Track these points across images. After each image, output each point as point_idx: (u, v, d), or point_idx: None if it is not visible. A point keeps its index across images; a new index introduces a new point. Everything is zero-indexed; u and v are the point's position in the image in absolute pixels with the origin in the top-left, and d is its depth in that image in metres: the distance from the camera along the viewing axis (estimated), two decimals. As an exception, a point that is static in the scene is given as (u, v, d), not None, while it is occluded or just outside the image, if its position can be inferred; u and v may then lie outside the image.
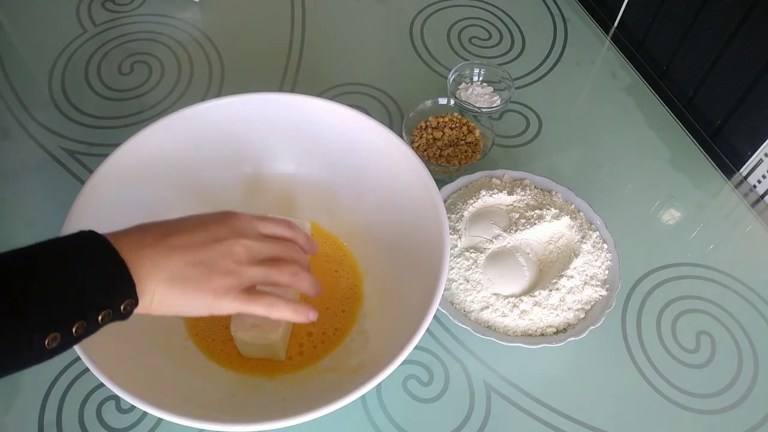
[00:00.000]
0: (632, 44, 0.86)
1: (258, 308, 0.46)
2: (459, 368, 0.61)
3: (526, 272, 0.62)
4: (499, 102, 0.78)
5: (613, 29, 0.89)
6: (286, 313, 0.47)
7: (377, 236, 0.63)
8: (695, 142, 0.78)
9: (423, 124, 0.75)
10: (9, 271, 0.38)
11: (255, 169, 0.67)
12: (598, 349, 0.63)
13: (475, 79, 0.80)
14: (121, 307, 0.41)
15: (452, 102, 0.76)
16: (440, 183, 0.64)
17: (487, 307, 0.60)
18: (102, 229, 0.56)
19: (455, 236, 0.64)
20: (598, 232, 0.65)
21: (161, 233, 0.44)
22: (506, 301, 0.60)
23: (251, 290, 0.47)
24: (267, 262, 0.47)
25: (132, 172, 0.59)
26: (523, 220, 0.64)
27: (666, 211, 0.73)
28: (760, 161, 0.73)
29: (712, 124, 0.78)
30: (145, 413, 0.57)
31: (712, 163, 0.76)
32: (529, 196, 0.66)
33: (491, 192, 0.66)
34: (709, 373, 0.62)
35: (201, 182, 0.64)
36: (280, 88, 0.81)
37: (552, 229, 0.64)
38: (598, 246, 0.63)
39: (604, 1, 0.89)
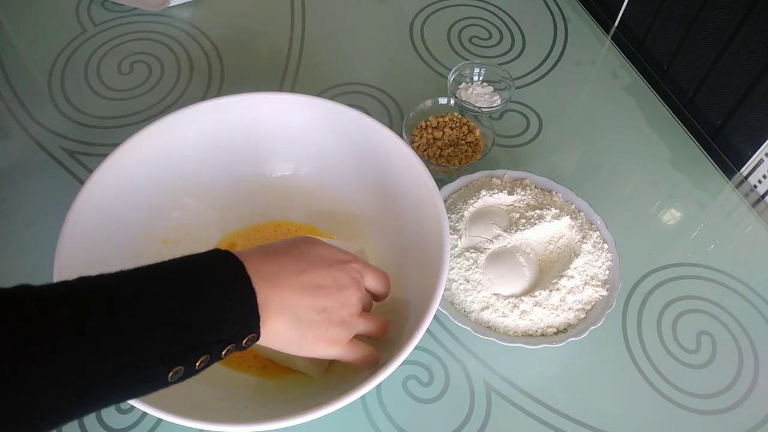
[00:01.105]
0: (633, 44, 0.86)
1: (355, 359, 0.48)
2: (459, 368, 0.61)
3: (526, 272, 0.62)
4: (499, 102, 0.78)
5: (613, 29, 0.89)
6: (370, 365, 0.50)
7: (377, 237, 0.63)
8: (695, 141, 0.78)
9: (423, 124, 0.75)
10: (144, 293, 0.37)
11: (255, 169, 0.66)
12: (599, 349, 0.63)
13: (476, 78, 0.80)
14: (243, 341, 0.41)
15: (452, 102, 0.76)
16: (440, 183, 0.64)
17: (487, 308, 0.60)
18: (102, 229, 0.56)
19: (455, 236, 0.64)
20: (598, 232, 0.64)
21: (296, 270, 0.44)
22: (506, 301, 0.60)
23: (353, 338, 0.49)
24: (365, 314, 0.49)
25: (132, 172, 0.59)
26: (523, 220, 0.64)
27: (666, 211, 0.73)
28: (761, 161, 0.72)
29: (712, 124, 0.78)
30: (144, 413, 0.57)
31: (713, 163, 0.76)
32: (530, 196, 0.66)
33: (491, 192, 0.66)
34: (710, 373, 0.62)
35: (201, 182, 0.64)
36: (280, 88, 0.81)
37: (552, 229, 0.64)
38: (599, 246, 0.63)
39: (605, 0, 0.89)
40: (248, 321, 0.40)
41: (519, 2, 0.91)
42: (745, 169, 0.75)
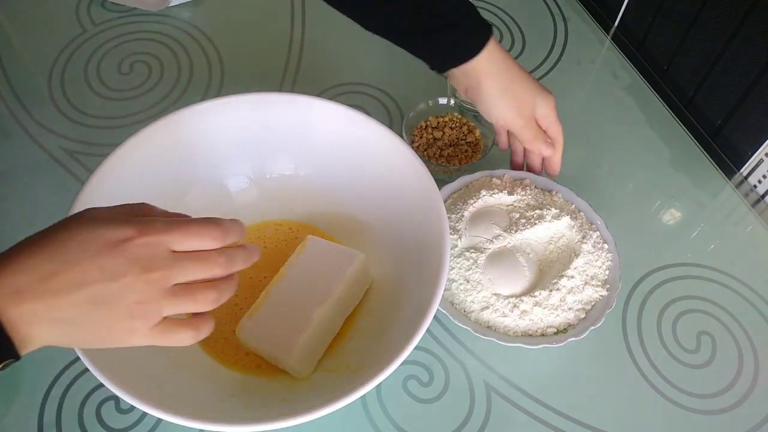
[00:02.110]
0: (633, 44, 0.86)
1: (175, 344, 0.41)
2: (459, 368, 0.61)
3: (526, 272, 0.62)
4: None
5: (613, 29, 0.89)
6: (210, 328, 0.43)
7: (377, 236, 0.63)
8: (696, 141, 0.78)
9: (423, 124, 0.75)
10: None
11: (254, 169, 0.66)
12: (599, 350, 0.63)
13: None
14: None
15: (452, 102, 0.76)
16: (440, 183, 0.64)
17: (487, 308, 0.60)
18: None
19: (455, 236, 0.64)
20: (598, 232, 0.64)
21: (41, 274, 0.37)
22: (506, 301, 0.60)
23: (165, 322, 0.41)
24: (178, 292, 0.40)
25: (132, 172, 0.59)
26: (523, 220, 0.64)
27: (666, 211, 0.73)
28: (761, 161, 0.72)
29: (712, 124, 0.78)
30: (144, 413, 0.57)
31: (713, 163, 0.76)
32: (530, 196, 0.66)
33: (491, 192, 0.66)
34: (710, 373, 0.62)
35: (201, 182, 0.64)
36: (280, 88, 0.81)
37: (552, 229, 0.64)
38: (599, 246, 0.63)
39: (605, 0, 0.89)
40: None
41: (519, 2, 0.91)
42: (745, 169, 0.75)
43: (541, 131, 0.65)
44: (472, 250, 0.63)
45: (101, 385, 0.54)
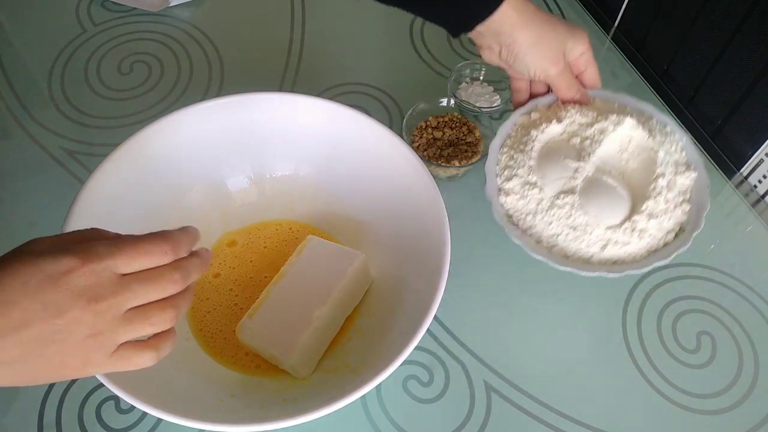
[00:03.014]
0: (633, 44, 0.86)
1: (137, 368, 0.40)
2: (459, 368, 0.61)
3: (622, 191, 0.59)
4: (499, 102, 0.78)
5: (613, 29, 0.89)
6: (172, 344, 0.41)
7: (377, 236, 0.63)
8: (696, 142, 0.78)
9: (423, 124, 0.75)
10: None
11: (254, 169, 0.67)
12: (599, 349, 0.63)
13: (476, 78, 0.80)
14: None
15: (452, 102, 0.76)
16: (440, 183, 0.64)
17: (606, 244, 0.57)
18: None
19: (535, 190, 0.59)
20: (654, 118, 0.63)
21: None
22: (621, 229, 0.57)
23: (122, 347, 0.39)
24: (132, 318, 0.38)
25: (132, 172, 0.59)
26: (588, 141, 0.60)
27: (666, 211, 0.73)
28: (761, 161, 0.72)
29: (712, 124, 0.78)
30: (144, 413, 0.57)
31: (713, 162, 0.76)
32: (577, 114, 0.62)
33: (542, 128, 0.61)
34: (710, 373, 0.62)
35: (201, 182, 0.64)
36: (280, 88, 0.81)
37: (619, 137, 0.61)
38: (663, 131, 0.61)
39: (605, 0, 0.89)
40: None
41: (519, 2, 0.91)
42: (745, 169, 0.75)
43: (575, 79, 0.63)
44: (561, 196, 0.59)
45: (101, 385, 0.54)
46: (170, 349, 0.41)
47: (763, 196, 0.74)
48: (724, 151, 0.77)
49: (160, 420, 0.57)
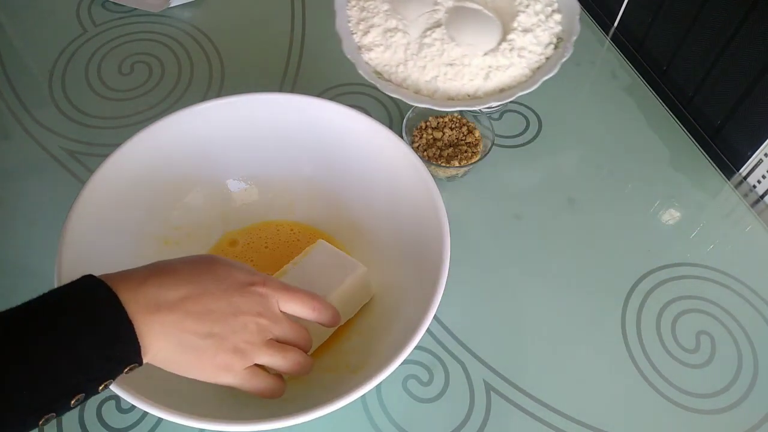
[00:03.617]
0: (632, 44, 0.86)
1: (252, 389, 0.46)
2: (459, 368, 0.61)
3: (488, 13, 0.55)
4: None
5: (612, 29, 0.89)
6: (270, 397, 0.48)
7: (376, 236, 0.63)
8: (695, 142, 0.78)
9: (423, 124, 0.75)
10: (4, 346, 0.34)
11: (254, 170, 0.67)
12: (598, 349, 0.63)
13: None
14: (125, 371, 0.40)
15: (452, 102, 0.76)
16: (440, 183, 0.64)
17: (489, 73, 0.54)
18: (103, 229, 0.56)
19: (399, 35, 0.54)
20: None
21: (181, 295, 0.41)
22: (500, 51, 0.53)
23: (254, 368, 0.46)
24: (274, 345, 0.46)
25: (132, 173, 0.59)
26: None
27: (666, 211, 0.73)
28: (760, 161, 0.73)
29: (712, 124, 0.78)
30: (145, 413, 0.57)
31: (712, 163, 0.76)
32: None
33: None
34: (709, 373, 0.62)
35: (201, 182, 0.64)
36: (280, 88, 0.81)
37: None
38: None
39: (604, 1, 0.89)
40: (124, 355, 0.39)
41: (519, 2, 0.91)
42: (744, 169, 0.75)
43: None
44: (428, 33, 0.54)
45: (102, 385, 0.54)
46: (281, 394, 0.48)
47: (762, 196, 0.74)
48: (723, 151, 0.77)
49: (160, 419, 0.57)
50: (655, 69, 0.84)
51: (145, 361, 0.41)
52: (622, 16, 0.87)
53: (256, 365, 0.46)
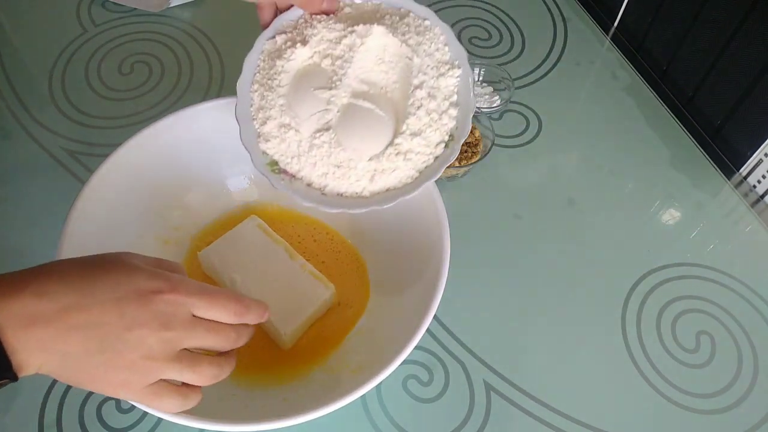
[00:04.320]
0: (632, 44, 0.86)
1: (159, 408, 0.41)
2: (459, 368, 0.61)
3: (381, 113, 0.53)
4: (499, 102, 0.78)
5: (613, 29, 0.89)
6: (195, 402, 0.43)
7: (376, 236, 0.63)
8: (695, 142, 0.78)
9: (423, 124, 0.75)
10: None
11: (254, 169, 0.66)
12: (598, 349, 0.63)
13: (475, 79, 0.80)
14: None
15: (452, 102, 0.76)
16: (440, 183, 0.64)
17: (374, 175, 0.52)
18: (103, 229, 0.56)
19: (291, 132, 0.53)
20: (411, 14, 0.54)
21: (64, 305, 0.36)
22: (385, 156, 0.52)
23: (158, 384, 0.40)
24: (184, 358, 0.40)
25: (132, 173, 0.59)
26: (339, 62, 0.52)
27: (666, 211, 0.73)
28: (760, 161, 0.73)
29: (712, 124, 0.78)
30: (145, 413, 0.57)
31: (712, 163, 0.76)
32: (325, 30, 0.53)
33: (287, 56, 0.53)
34: (709, 372, 0.62)
35: (201, 182, 0.64)
36: (280, 88, 0.81)
37: (372, 50, 0.53)
38: (421, 29, 0.53)
39: (604, 1, 0.89)
40: None
41: (519, 3, 0.91)
42: (744, 169, 0.75)
43: None
44: (317, 134, 0.53)
45: (102, 385, 0.54)
46: (195, 404, 0.42)
47: (762, 196, 0.74)
48: (723, 151, 0.77)
49: (160, 419, 0.57)
50: (655, 69, 0.84)
51: (25, 374, 0.37)
52: (622, 16, 0.87)
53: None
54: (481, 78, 0.80)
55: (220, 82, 0.81)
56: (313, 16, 0.54)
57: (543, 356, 0.62)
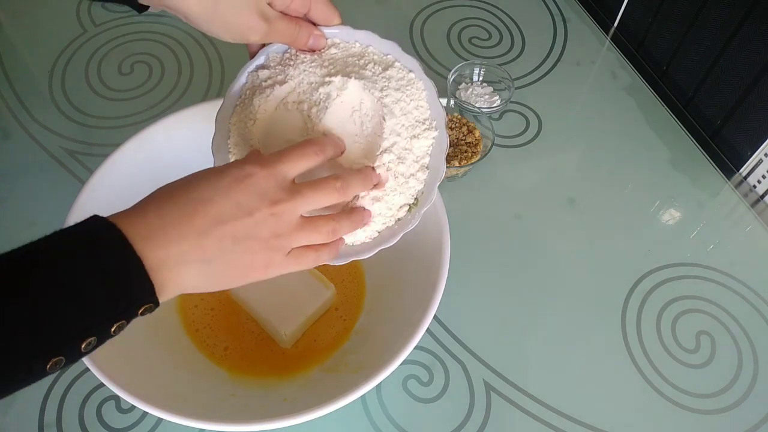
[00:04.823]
0: (632, 44, 0.87)
1: (306, 266, 0.43)
2: (459, 368, 0.61)
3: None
4: (499, 102, 0.78)
5: (613, 29, 0.89)
6: (332, 255, 0.45)
7: (377, 236, 0.63)
8: (695, 142, 0.78)
9: (423, 124, 0.75)
10: (2, 285, 0.32)
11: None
12: (598, 349, 0.63)
13: (475, 79, 0.80)
14: (139, 312, 0.37)
15: (452, 102, 0.76)
16: (440, 183, 0.64)
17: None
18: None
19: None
20: (398, 64, 0.52)
21: (184, 215, 0.38)
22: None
23: (295, 250, 0.43)
24: (303, 225, 0.42)
25: (132, 173, 0.59)
26: (314, 109, 0.49)
27: (666, 211, 0.73)
28: (760, 161, 0.73)
29: (712, 124, 0.78)
30: (145, 413, 0.57)
31: (712, 163, 0.76)
32: (305, 74, 0.51)
33: (266, 94, 0.51)
34: (709, 372, 0.62)
35: (201, 182, 0.64)
36: (280, 88, 0.81)
37: (348, 102, 0.50)
38: (403, 82, 0.51)
39: (604, 1, 0.89)
40: (137, 294, 0.36)
41: (519, 3, 0.92)
42: (744, 169, 0.75)
43: (295, 26, 0.50)
44: None
45: (102, 385, 0.54)
46: (329, 258, 0.45)
47: (762, 196, 0.74)
48: (723, 151, 0.77)
49: (160, 419, 0.57)
50: (655, 69, 0.84)
51: (165, 299, 0.38)
52: (622, 16, 0.87)
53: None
54: (481, 78, 0.80)
55: (220, 82, 0.81)
56: (299, 52, 0.53)
57: (543, 356, 0.62)
